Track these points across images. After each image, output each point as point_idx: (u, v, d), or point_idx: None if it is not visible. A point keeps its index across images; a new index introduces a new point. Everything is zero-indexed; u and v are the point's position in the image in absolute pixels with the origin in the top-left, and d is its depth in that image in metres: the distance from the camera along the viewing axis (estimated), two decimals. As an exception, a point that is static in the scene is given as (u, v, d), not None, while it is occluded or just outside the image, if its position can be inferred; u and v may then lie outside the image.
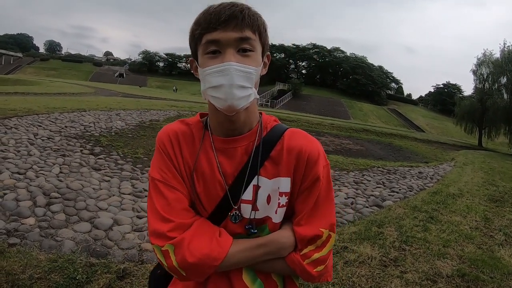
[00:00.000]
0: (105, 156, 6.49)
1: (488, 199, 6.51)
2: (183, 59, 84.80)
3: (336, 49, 78.39)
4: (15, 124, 7.97)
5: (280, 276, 0.99)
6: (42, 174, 4.84)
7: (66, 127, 8.80)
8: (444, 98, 70.33)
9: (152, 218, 0.90)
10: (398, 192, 6.60)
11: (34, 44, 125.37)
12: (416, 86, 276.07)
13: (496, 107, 29.45)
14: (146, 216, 2.27)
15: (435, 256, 3.53)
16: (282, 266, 0.94)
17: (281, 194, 0.95)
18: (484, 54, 32.20)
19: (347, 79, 72.16)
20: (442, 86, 77.12)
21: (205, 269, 0.86)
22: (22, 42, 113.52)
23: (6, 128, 7.43)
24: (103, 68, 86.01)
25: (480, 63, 32.23)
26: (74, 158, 5.95)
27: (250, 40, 0.86)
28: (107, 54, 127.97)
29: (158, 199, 0.91)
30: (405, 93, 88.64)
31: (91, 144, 7.34)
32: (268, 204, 0.95)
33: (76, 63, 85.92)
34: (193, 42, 0.91)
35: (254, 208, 0.94)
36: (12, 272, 2.45)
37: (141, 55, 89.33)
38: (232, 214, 0.93)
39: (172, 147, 0.96)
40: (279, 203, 0.95)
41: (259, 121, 0.99)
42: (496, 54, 31.54)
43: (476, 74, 32.77)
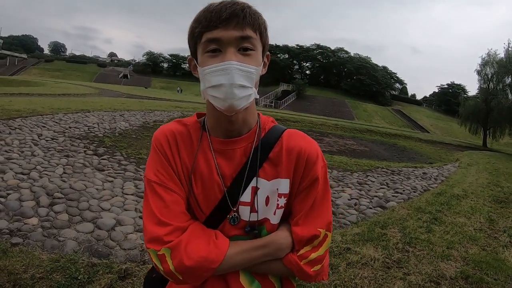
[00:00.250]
0: (108, 156, 6.52)
1: (492, 200, 6.46)
2: (187, 60, 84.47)
3: (340, 49, 78.19)
4: (19, 125, 8.03)
5: (277, 277, 0.98)
6: (46, 174, 4.87)
7: (70, 127, 8.85)
8: (448, 99, 69.85)
9: (148, 222, 0.88)
10: (402, 193, 6.57)
11: (39, 46, 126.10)
12: (421, 86, 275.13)
13: (501, 107, 29.21)
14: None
15: (439, 258, 3.50)
16: (279, 267, 0.93)
17: (280, 195, 0.94)
18: (488, 54, 32.03)
19: (351, 79, 71.83)
20: (446, 86, 76.56)
21: (202, 272, 0.85)
22: (26, 44, 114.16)
23: (11, 128, 7.49)
24: (108, 69, 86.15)
25: (484, 63, 32.01)
26: (78, 159, 5.97)
27: (251, 39, 0.85)
28: (112, 55, 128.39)
29: (155, 202, 0.89)
30: (409, 93, 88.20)
31: (94, 144, 7.37)
32: (267, 206, 0.94)
33: (81, 64, 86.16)
34: (192, 41, 0.89)
35: (253, 210, 0.93)
36: (14, 272, 2.46)
37: (145, 56, 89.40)
38: (230, 216, 0.92)
39: (170, 147, 0.94)
40: (277, 204, 0.94)
41: (257, 121, 0.98)
42: (501, 54, 31.39)
43: (481, 74, 32.55)
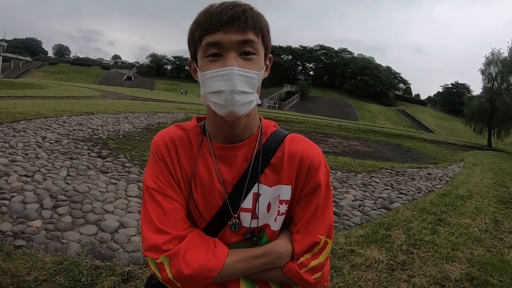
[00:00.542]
0: (112, 159, 6.53)
1: (497, 201, 6.41)
2: (187, 62, 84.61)
3: (344, 50, 78.03)
4: (24, 128, 8.08)
5: (278, 284, 0.97)
6: (50, 177, 4.88)
7: (74, 130, 8.90)
8: (452, 98, 69.43)
9: (147, 229, 0.86)
10: (406, 194, 6.53)
11: (43, 48, 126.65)
12: (425, 86, 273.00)
13: (506, 107, 29.08)
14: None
15: (444, 260, 3.47)
16: (279, 275, 0.91)
17: (281, 202, 0.92)
18: (492, 53, 31.90)
19: (355, 80, 71.67)
20: (450, 86, 76.12)
21: (201, 280, 0.83)
22: (31, 46, 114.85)
23: (15, 131, 7.54)
24: (112, 71, 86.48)
25: (488, 62, 31.88)
26: (82, 161, 5.99)
27: (252, 43, 0.82)
28: (115, 57, 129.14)
29: (153, 209, 0.87)
30: (413, 93, 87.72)
31: (98, 147, 7.39)
32: (268, 212, 0.92)
33: (85, 66, 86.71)
34: (192, 43, 0.86)
35: (254, 216, 0.91)
36: (17, 274, 2.46)
37: (149, 58, 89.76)
38: (231, 223, 0.91)
39: (169, 153, 0.92)
40: (278, 211, 0.93)
41: (259, 126, 0.96)
42: (505, 53, 31.29)
43: (485, 73, 32.45)
